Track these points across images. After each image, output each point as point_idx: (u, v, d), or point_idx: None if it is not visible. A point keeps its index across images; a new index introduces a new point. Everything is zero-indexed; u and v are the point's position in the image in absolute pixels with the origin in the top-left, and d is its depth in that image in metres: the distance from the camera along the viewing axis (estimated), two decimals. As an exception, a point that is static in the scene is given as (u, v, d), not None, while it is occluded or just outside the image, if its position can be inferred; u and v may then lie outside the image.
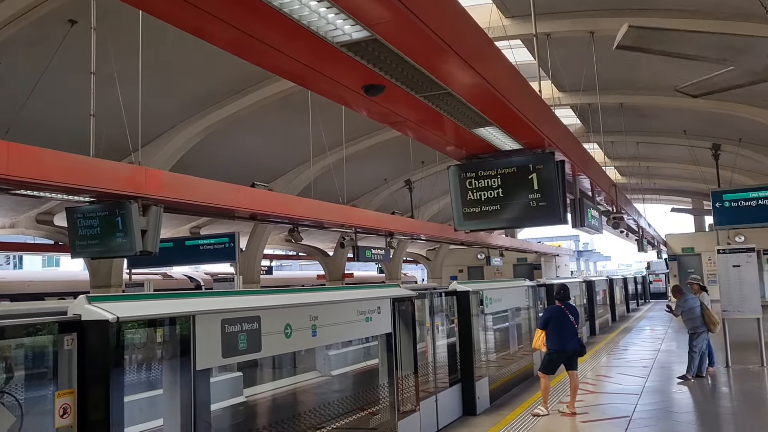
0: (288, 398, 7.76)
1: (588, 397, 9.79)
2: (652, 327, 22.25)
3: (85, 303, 3.68)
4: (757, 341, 12.29)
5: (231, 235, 13.13)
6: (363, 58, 4.59)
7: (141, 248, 8.12)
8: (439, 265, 34.48)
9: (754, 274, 12.59)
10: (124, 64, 8.81)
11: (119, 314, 3.64)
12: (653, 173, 27.50)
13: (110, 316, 3.57)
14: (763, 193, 11.44)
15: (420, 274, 50.05)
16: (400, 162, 19.53)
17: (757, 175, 21.73)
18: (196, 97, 12.76)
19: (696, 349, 11.08)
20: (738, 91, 14.09)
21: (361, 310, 6.31)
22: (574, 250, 63.07)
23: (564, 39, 12.31)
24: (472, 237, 21.90)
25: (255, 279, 19.11)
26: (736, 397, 10.06)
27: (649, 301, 40.31)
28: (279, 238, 23.80)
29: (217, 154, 15.52)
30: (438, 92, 5.44)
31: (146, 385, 5.44)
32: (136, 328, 4.12)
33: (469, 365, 9.38)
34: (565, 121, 17.40)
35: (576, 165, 9.21)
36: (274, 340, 4.94)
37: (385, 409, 6.90)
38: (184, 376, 4.17)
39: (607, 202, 14.40)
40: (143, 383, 5.41)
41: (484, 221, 7.81)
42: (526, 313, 13.02)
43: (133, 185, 7.91)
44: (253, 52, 4.60)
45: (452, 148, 7.81)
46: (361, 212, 16.05)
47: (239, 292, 6.05)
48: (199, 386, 4.17)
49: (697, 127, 18.06)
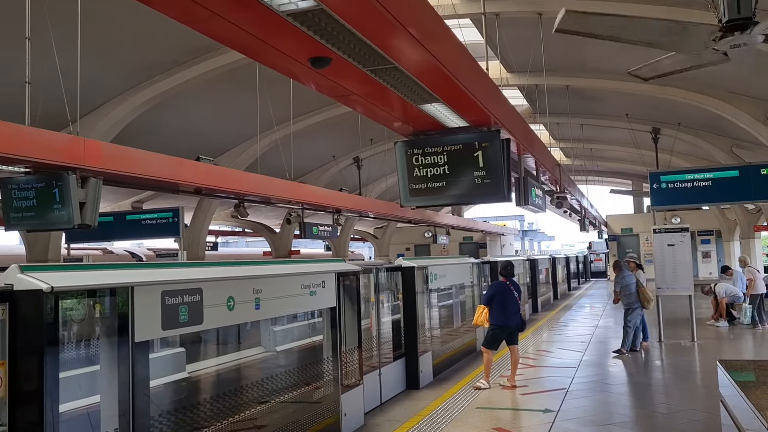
0: (232, 374, 7.71)
1: (528, 371, 10.06)
2: (591, 304, 22.95)
3: (18, 272, 3.57)
4: (689, 318, 12.82)
5: (175, 210, 12.89)
6: (309, 29, 4.53)
7: (79, 221, 7.88)
8: (387, 243, 34.66)
9: (688, 253, 13.11)
10: (62, 30, 8.46)
11: (54, 284, 3.54)
12: (596, 155, 28.13)
13: (44, 285, 3.48)
14: (699, 175, 11.85)
15: (367, 252, 50.22)
16: (349, 139, 19.44)
17: (694, 158, 22.47)
18: (139, 67, 12.37)
19: (630, 324, 11.51)
20: (677, 76, 14.49)
21: (306, 284, 6.31)
22: (519, 230, 64.22)
23: (513, 19, 12.39)
24: (419, 215, 22.06)
25: (200, 255, 18.83)
26: (667, 370, 10.50)
27: (589, 280, 41.50)
28: (225, 214, 23.48)
29: (161, 126, 15.14)
30: (385, 66, 5.43)
31: (83, 357, 5.32)
32: (72, 298, 4.02)
33: (413, 340, 9.50)
34: (513, 101, 17.59)
35: (521, 144, 9.35)
36: (217, 312, 4.90)
37: (329, 382, 6.95)
38: (122, 348, 4.10)
39: (551, 182, 14.69)
40: (79, 356, 5.29)
41: (430, 198, 7.88)
42: (470, 290, 13.23)
43: (71, 156, 7.65)
44: (197, 18, 4.49)
45: (399, 124, 7.82)
46: (309, 188, 15.95)
47: (181, 264, 5.97)
48: (137, 359, 4.11)
49: (639, 111, 18.52)
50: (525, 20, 12.28)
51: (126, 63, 12.11)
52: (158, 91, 12.82)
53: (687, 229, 13.24)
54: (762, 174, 11.37)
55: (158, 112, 13.80)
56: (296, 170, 17.13)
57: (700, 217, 31.08)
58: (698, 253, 31.92)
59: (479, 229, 35.00)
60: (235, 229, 34.97)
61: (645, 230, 31.38)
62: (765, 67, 12.18)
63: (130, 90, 12.82)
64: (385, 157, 20.97)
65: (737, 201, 17.52)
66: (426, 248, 35.93)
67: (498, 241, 39.93)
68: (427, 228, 32.57)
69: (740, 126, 15.32)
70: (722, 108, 14.96)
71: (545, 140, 22.29)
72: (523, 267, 18.88)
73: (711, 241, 32.45)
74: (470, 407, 7.96)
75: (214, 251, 29.64)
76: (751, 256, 25.05)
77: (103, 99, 12.79)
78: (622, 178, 35.40)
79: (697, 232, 31.30)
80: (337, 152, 21.94)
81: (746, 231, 26.49)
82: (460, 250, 36.06)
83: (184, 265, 5.80)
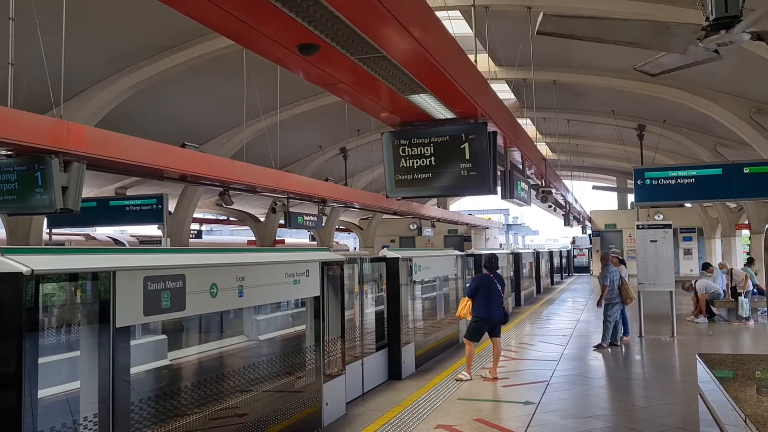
0: (214, 362, 7.68)
1: (510, 363, 10.12)
2: (573, 299, 23.12)
3: (-2, 255, 3.52)
4: (669, 313, 12.95)
5: (159, 197, 12.80)
6: (298, 15, 4.51)
7: (61, 206, 7.80)
8: (372, 235, 34.66)
9: (670, 250, 13.23)
10: (48, 11, 8.34)
11: (34, 267, 3.50)
12: (582, 151, 28.28)
13: (24, 268, 3.43)
14: (682, 172, 11.95)
15: (352, 243, 50.21)
16: (336, 129, 19.39)
17: (679, 156, 22.65)
18: (125, 52, 12.24)
19: (610, 319, 11.61)
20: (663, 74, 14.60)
21: (290, 273, 6.29)
22: (503, 224, 64.48)
23: (502, 13, 12.39)
24: (405, 207, 22.08)
25: (184, 242, 18.73)
26: (647, 364, 10.60)
27: (572, 275, 41.79)
28: (210, 202, 23.36)
29: (147, 112, 15.01)
30: (374, 55, 5.41)
31: (63, 342, 5.28)
32: (52, 282, 3.98)
33: (396, 331, 9.52)
34: (501, 95, 17.57)
35: (508, 137, 9.38)
36: (199, 299, 4.88)
37: (311, 372, 6.95)
38: (103, 333, 4.07)
39: (536, 176, 14.76)
40: (59, 341, 5.25)
41: (416, 189, 7.89)
42: (454, 283, 13.28)
43: (54, 139, 7.57)
44: (187, 3, 4.44)
45: (387, 114, 7.81)
46: (294, 177, 15.90)
47: (164, 250, 5.93)
48: (118, 344, 4.08)
49: (625, 107, 18.63)
50: (514, 14, 12.28)
51: (112, 47, 11.98)
52: (144, 76, 12.70)
53: (669, 225, 13.36)
54: (744, 173, 11.49)
55: (144, 97, 13.67)
56: (282, 159, 17.06)
57: (682, 214, 31.38)
58: (680, 249, 32.26)
59: (464, 222, 35.12)
60: (220, 217, 34.84)
61: (628, 226, 31.63)
62: (749, 67, 12.28)
63: (115, 74, 12.69)
64: (371, 147, 20.93)
65: (719, 199, 17.71)
66: (411, 240, 35.97)
67: (483, 234, 40.08)
68: (412, 220, 32.59)
69: (724, 124, 15.46)
70: (707, 106, 15.08)
71: (532, 135, 22.33)
72: (507, 260, 18.95)
73: (693, 238, 32.80)
74: (452, 398, 8.00)
75: (198, 239, 29.51)
76: (732, 254, 25.35)
77: (88, 83, 12.65)
78: (607, 174, 35.63)
79: (679, 229, 31.62)
80: (324, 142, 21.88)
81: (727, 229, 26.77)
82: (445, 242, 36.14)
83: (168, 251, 5.76)
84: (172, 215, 18.05)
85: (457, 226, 36.02)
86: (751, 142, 15.12)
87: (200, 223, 33.35)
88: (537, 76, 15.06)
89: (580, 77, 16.07)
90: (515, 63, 14.78)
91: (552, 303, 21.35)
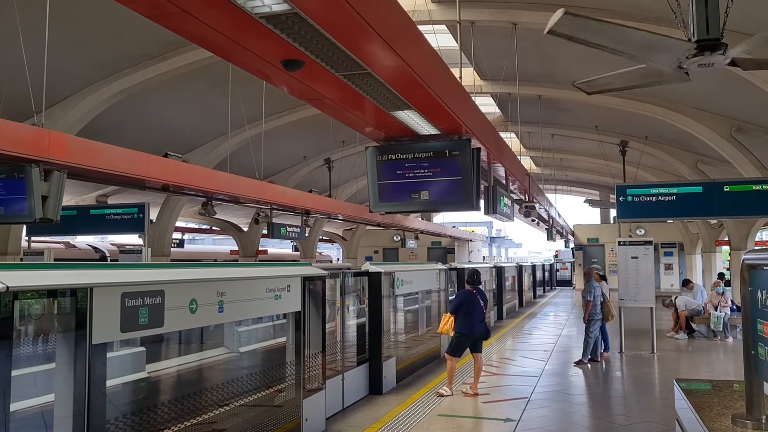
0: (193, 375, 7.60)
1: (491, 378, 10.11)
2: (555, 313, 23.19)
3: (-28, 270, 3.46)
4: (650, 329, 13.02)
5: (141, 206, 12.69)
6: (283, 32, 4.49)
7: (41, 215, 7.72)
8: (355, 246, 34.61)
9: (650, 266, 13.33)
10: (30, 17, 8.27)
11: (10, 284, 3.44)
12: (566, 165, 28.47)
13: (0, 285, 3.38)
14: (663, 189, 12.05)
15: (336, 254, 50.10)
16: (321, 140, 19.36)
17: (660, 172, 22.87)
18: (108, 59, 12.15)
19: (591, 335, 11.66)
20: (645, 92, 14.76)
21: (271, 288, 6.25)
22: (487, 236, 64.69)
23: (488, 28, 12.48)
24: (389, 219, 22.07)
25: (165, 252, 18.57)
26: (627, 381, 10.64)
27: (555, 288, 41.94)
28: (192, 211, 23.21)
29: (130, 121, 14.90)
30: (358, 72, 5.41)
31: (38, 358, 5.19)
32: (29, 298, 3.91)
33: (378, 345, 9.48)
34: (485, 109, 17.71)
35: (492, 153, 9.41)
36: (178, 315, 4.81)
37: (291, 386, 6.89)
38: (79, 350, 4.00)
39: (520, 191, 14.82)
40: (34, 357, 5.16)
41: (399, 204, 7.88)
42: (437, 296, 13.26)
43: (34, 148, 7.48)
44: (166, 15, 4.41)
45: (371, 130, 7.80)
46: (278, 189, 15.85)
47: (143, 265, 5.86)
48: (94, 361, 4.01)
49: (608, 123, 18.79)
50: (499, 29, 12.37)
51: (95, 54, 11.89)
52: (128, 84, 12.61)
53: (650, 242, 13.47)
54: (725, 191, 11.61)
55: (127, 105, 13.58)
56: (266, 170, 17.01)
57: (664, 230, 31.66)
58: (661, 265, 32.53)
59: (448, 234, 35.21)
60: (203, 226, 34.62)
61: (610, 240, 31.84)
62: (730, 86, 12.44)
63: (98, 82, 12.59)
64: (356, 159, 20.93)
65: (700, 216, 17.88)
66: (394, 252, 35.97)
67: (466, 247, 40.17)
68: (396, 231, 32.60)
69: (705, 142, 15.63)
70: (688, 124, 15.25)
71: (516, 148, 22.50)
72: (490, 274, 18.98)
73: (674, 253, 33.09)
74: (432, 414, 7.96)
75: (180, 248, 29.27)
76: (712, 270, 25.56)
77: (70, 90, 12.54)
78: (590, 188, 35.90)
79: (660, 245, 31.89)
80: (309, 153, 21.84)
81: (708, 245, 27.03)
82: (429, 254, 36.18)
83: (147, 266, 5.69)
84: (153, 224, 17.91)
85: (440, 238, 36.08)
86: (731, 160, 15.30)
87: (182, 232, 33.12)
88: (522, 90, 15.16)
89: (565, 92, 16.19)
90: (500, 77, 14.89)
91: (534, 317, 21.39)
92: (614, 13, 10.87)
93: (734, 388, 3.94)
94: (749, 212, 12.19)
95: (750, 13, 8.97)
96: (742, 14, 7.35)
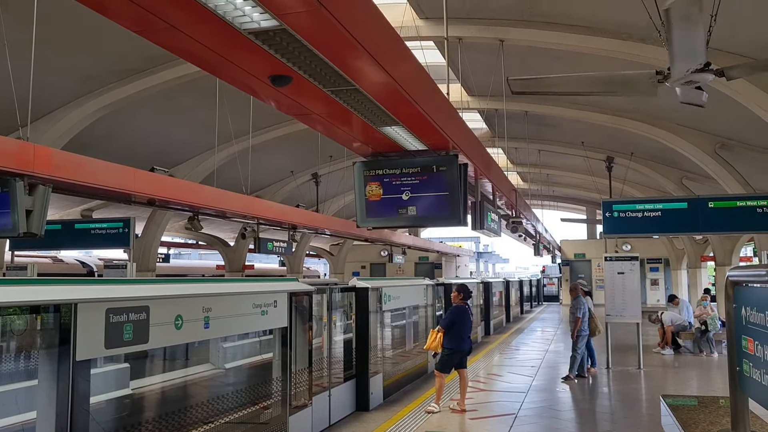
0: (178, 391, 7.52)
1: (479, 394, 10.08)
2: (542, 328, 23.21)
3: (-46, 286, 3.41)
4: (636, 345, 13.06)
5: (126, 220, 12.59)
6: (271, 48, 4.50)
7: (25, 229, 7.62)
8: (343, 261, 34.54)
9: (637, 281, 13.40)
10: (16, 29, 8.24)
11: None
12: (552, 181, 28.63)
13: (-19, 301, 3.34)
14: (649, 205, 12.13)
15: (323, 269, 49.94)
16: (308, 155, 19.36)
17: (645, 188, 23.06)
18: (95, 73, 12.11)
19: (579, 351, 11.68)
20: (631, 108, 14.93)
21: (257, 303, 6.21)
22: (474, 252, 64.76)
23: (475, 44, 12.57)
24: (377, 234, 22.05)
25: (150, 267, 18.43)
26: (614, 397, 10.64)
27: (542, 304, 42.01)
28: (178, 226, 23.07)
29: (117, 134, 14.83)
30: (346, 88, 5.42)
31: (21, 375, 5.12)
32: (12, 314, 3.87)
33: (364, 361, 9.43)
34: (473, 124, 17.81)
35: (479, 169, 9.45)
36: (164, 331, 4.77)
37: (277, 403, 6.83)
38: (62, 366, 3.95)
39: (507, 207, 14.87)
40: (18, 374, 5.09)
41: (386, 219, 7.88)
42: (424, 312, 13.24)
43: (19, 162, 7.41)
44: (154, 30, 4.40)
45: (359, 145, 7.82)
46: (265, 203, 15.80)
47: (128, 281, 5.80)
48: (78, 378, 3.96)
49: (594, 139, 18.95)
50: (486, 46, 12.46)
51: (82, 68, 11.85)
52: (115, 98, 12.56)
53: (636, 257, 13.55)
54: (709, 207, 11.71)
55: (114, 119, 13.52)
56: (254, 184, 16.97)
57: (650, 245, 31.88)
58: (647, 280, 32.71)
59: (435, 249, 35.20)
60: (189, 241, 34.42)
61: (597, 256, 32.03)
62: (714, 103, 12.57)
63: (85, 96, 12.54)
64: (344, 174, 20.94)
65: (685, 232, 18.02)
66: (382, 267, 35.92)
67: (453, 262, 40.20)
68: (383, 247, 32.57)
69: (690, 159, 15.79)
70: (673, 141, 15.41)
71: (503, 164, 22.59)
72: (477, 289, 19.00)
73: (660, 269, 33.29)
74: (420, 431, 7.92)
75: (165, 263, 29.07)
76: (698, 286, 25.73)
77: (56, 104, 12.47)
78: (576, 204, 36.10)
79: (646, 260, 32.09)
80: (296, 167, 21.83)
81: (693, 261, 27.25)
82: (416, 270, 36.17)
83: (132, 282, 5.64)
84: (139, 239, 17.78)
85: (428, 253, 36.07)
86: (715, 176, 15.45)
87: (168, 246, 32.88)
88: (508, 106, 15.26)
89: (551, 109, 16.33)
90: (487, 93, 14.97)
91: (521, 332, 21.40)
92: (599, 31, 11.00)
93: (720, 404, 3.96)
94: (733, 228, 12.29)
95: (731, 31, 9.11)
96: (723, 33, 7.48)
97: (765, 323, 2.22)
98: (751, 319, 2.38)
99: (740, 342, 2.50)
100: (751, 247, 29.65)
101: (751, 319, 2.38)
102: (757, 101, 10.53)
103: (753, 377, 2.39)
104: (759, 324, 2.28)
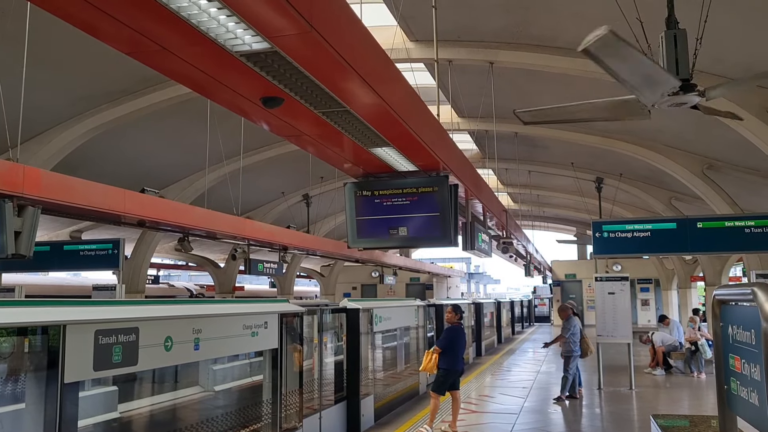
0: (167, 414, 7.45)
1: (470, 416, 10.03)
2: (534, 349, 23.16)
3: (-59, 308, 3.39)
4: (627, 365, 13.06)
5: (115, 242, 12.52)
6: (262, 70, 4.53)
7: (13, 251, 7.57)
8: (333, 282, 34.44)
9: (627, 301, 13.44)
10: (7, 50, 8.27)
11: (-21, 321, 3.38)
12: (543, 201, 28.77)
13: (-32, 323, 3.31)
14: (638, 225, 12.21)
15: (314, 290, 49.75)
16: (299, 176, 19.40)
17: (635, 208, 23.20)
18: (86, 94, 12.13)
19: (570, 372, 11.67)
20: (619, 129, 15.07)
21: (248, 325, 6.19)
22: (465, 272, 64.78)
23: (465, 66, 12.69)
24: (367, 255, 22.03)
25: (140, 288, 18.31)
26: (605, 418, 10.62)
27: (533, 324, 41.96)
28: (168, 247, 22.99)
29: (107, 156, 14.82)
30: (337, 109, 5.45)
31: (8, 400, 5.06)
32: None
33: (355, 383, 9.39)
34: (463, 146, 17.93)
35: (469, 189, 9.49)
36: (153, 353, 4.74)
37: (267, 426, 6.78)
38: (50, 389, 3.91)
39: (497, 227, 14.91)
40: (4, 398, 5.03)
41: (377, 240, 7.89)
42: (416, 333, 13.20)
43: (8, 183, 7.39)
44: (146, 52, 4.43)
45: (350, 166, 7.84)
46: (256, 225, 15.79)
47: (118, 302, 5.77)
48: (66, 401, 3.93)
49: (584, 160, 19.10)
50: (476, 68, 12.59)
51: (73, 89, 11.87)
52: (106, 119, 12.57)
53: (627, 278, 13.60)
54: (698, 227, 11.79)
55: (105, 140, 13.52)
56: (244, 205, 16.96)
57: (640, 266, 31.98)
58: (638, 300, 32.77)
59: (426, 270, 35.18)
60: (179, 262, 34.27)
61: (588, 276, 32.07)
62: (701, 125, 12.74)
63: (75, 117, 12.54)
64: (335, 195, 20.97)
65: (674, 252, 18.12)
66: (373, 288, 35.83)
67: (444, 282, 40.16)
68: (374, 267, 32.53)
69: (678, 179, 15.92)
70: (661, 162, 15.55)
71: (493, 185, 22.69)
72: (469, 310, 18.97)
73: (650, 289, 33.37)
74: (411, 453, 7.87)
75: (155, 284, 28.88)
76: (688, 305, 25.80)
77: (47, 125, 12.47)
78: (566, 224, 36.24)
79: (636, 280, 32.17)
80: (287, 188, 21.85)
81: (683, 281, 27.35)
82: (407, 290, 36.10)
83: (121, 303, 5.61)
84: (128, 260, 17.69)
85: (419, 274, 36.05)
86: (703, 196, 15.58)
87: (158, 268, 32.72)
88: (499, 128, 15.37)
89: (541, 130, 16.46)
90: (477, 115, 15.10)
91: (513, 353, 21.35)
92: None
93: (711, 424, 3.95)
94: (722, 248, 12.36)
95: (717, 55, 9.25)
96: (709, 56, 7.59)
97: (751, 341, 2.24)
98: (737, 338, 2.40)
99: (728, 360, 2.52)
100: (741, 267, 29.84)
101: (737, 338, 2.40)
102: (744, 123, 10.66)
103: (740, 395, 2.40)
104: (745, 342, 2.30)
